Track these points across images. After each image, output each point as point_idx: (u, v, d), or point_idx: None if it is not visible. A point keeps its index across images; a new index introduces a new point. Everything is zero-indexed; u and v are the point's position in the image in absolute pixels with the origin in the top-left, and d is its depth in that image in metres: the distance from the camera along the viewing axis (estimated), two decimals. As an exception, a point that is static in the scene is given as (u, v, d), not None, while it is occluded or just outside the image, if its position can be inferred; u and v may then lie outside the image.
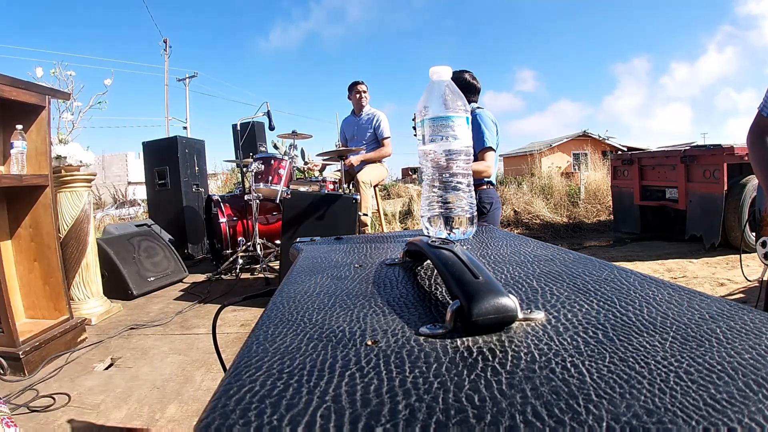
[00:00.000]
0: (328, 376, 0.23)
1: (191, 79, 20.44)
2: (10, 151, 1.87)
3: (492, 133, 2.15)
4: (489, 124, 2.15)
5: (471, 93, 2.28)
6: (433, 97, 0.63)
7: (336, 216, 2.42)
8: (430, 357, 0.25)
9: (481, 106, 2.26)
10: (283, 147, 6.37)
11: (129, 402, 1.50)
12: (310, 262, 0.54)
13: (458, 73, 2.28)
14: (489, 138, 2.13)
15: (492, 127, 2.16)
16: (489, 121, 2.16)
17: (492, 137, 2.14)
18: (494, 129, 2.17)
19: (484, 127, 2.13)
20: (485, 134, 2.13)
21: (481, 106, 2.26)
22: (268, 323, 0.32)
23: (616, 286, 0.37)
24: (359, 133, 3.63)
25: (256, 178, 3.20)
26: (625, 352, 0.24)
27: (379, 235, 0.79)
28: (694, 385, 0.20)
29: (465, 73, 2.28)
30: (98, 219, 6.09)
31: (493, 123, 2.18)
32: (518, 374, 0.22)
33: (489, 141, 2.13)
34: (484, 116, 2.16)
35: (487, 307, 0.27)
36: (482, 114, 2.17)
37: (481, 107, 2.25)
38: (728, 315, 0.29)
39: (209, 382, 1.64)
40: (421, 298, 0.37)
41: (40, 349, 1.82)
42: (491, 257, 0.52)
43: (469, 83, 2.27)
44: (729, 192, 3.81)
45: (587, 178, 7.25)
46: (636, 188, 4.89)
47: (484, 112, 2.19)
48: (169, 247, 3.47)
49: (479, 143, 2.13)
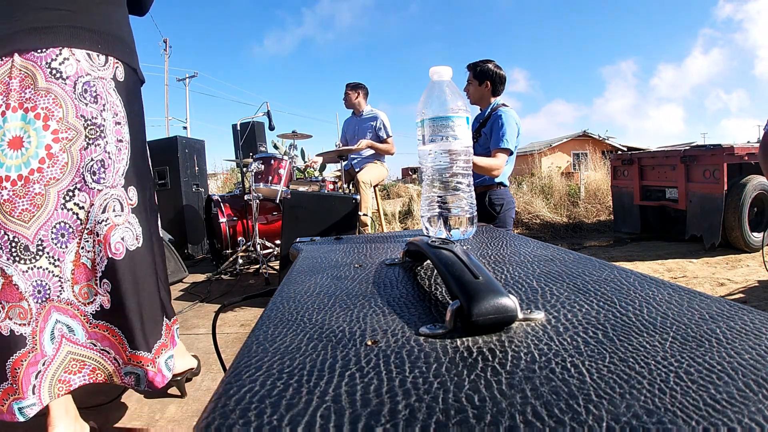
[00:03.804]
0: (328, 376, 0.23)
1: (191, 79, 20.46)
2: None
3: (512, 134, 2.04)
4: (512, 125, 2.04)
5: (499, 83, 2.16)
6: (433, 97, 0.63)
7: (336, 216, 2.42)
8: (430, 357, 0.25)
9: (506, 104, 2.15)
10: (283, 147, 6.36)
11: (129, 402, 1.50)
12: (310, 262, 0.54)
13: (483, 63, 2.16)
14: (508, 139, 2.02)
15: (514, 128, 2.05)
16: (513, 122, 2.05)
17: (511, 139, 2.03)
18: (515, 131, 2.06)
19: (507, 127, 2.02)
20: (505, 134, 2.02)
21: (506, 104, 2.15)
22: (268, 323, 0.32)
23: (616, 286, 0.37)
24: (360, 132, 3.63)
25: (256, 178, 3.20)
26: (625, 352, 0.24)
27: (379, 235, 0.79)
28: (694, 385, 0.20)
29: (489, 62, 2.16)
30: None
31: (516, 125, 2.06)
32: (518, 374, 0.22)
33: (506, 143, 2.01)
34: (508, 116, 2.05)
35: (487, 307, 0.27)
36: (507, 114, 2.06)
37: (506, 104, 2.14)
38: (728, 315, 0.29)
39: (209, 383, 1.64)
40: (421, 298, 0.37)
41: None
42: (491, 257, 0.52)
43: (497, 73, 2.15)
44: (729, 192, 3.81)
45: (587, 178, 7.25)
46: (636, 188, 4.89)
47: (509, 112, 2.08)
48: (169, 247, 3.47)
49: (496, 142, 2.03)
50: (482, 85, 2.17)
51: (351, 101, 3.63)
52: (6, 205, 0.99)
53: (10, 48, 1.00)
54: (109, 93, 1.10)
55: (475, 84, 2.19)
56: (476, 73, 2.17)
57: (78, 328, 1.07)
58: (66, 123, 1.03)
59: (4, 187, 0.99)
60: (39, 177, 1.01)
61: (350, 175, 3.63)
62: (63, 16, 1.05)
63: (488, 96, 2.18)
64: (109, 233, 1.07)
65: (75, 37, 1.05)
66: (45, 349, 1.03)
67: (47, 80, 1.02)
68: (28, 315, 1.02)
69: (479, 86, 2.17)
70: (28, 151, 1.01)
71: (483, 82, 2.16)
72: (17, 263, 1.00)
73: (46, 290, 1.04)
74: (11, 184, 1.00)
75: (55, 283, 1.04)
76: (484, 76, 2.16)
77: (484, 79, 2.16)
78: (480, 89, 2.17)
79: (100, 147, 1.07)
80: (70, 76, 1.04)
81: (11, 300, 1.01)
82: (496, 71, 2.15)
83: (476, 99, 2.22)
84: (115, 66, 1.14)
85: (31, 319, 1.02)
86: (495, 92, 2.18)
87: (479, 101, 2.22)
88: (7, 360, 1.00)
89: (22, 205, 1.00)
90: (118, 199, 1.11)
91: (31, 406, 1.01)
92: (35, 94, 1.01)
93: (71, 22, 1.06)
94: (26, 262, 1.01)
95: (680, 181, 4.23)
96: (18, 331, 1.01)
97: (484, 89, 2.17)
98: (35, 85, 1.01)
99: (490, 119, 2.12)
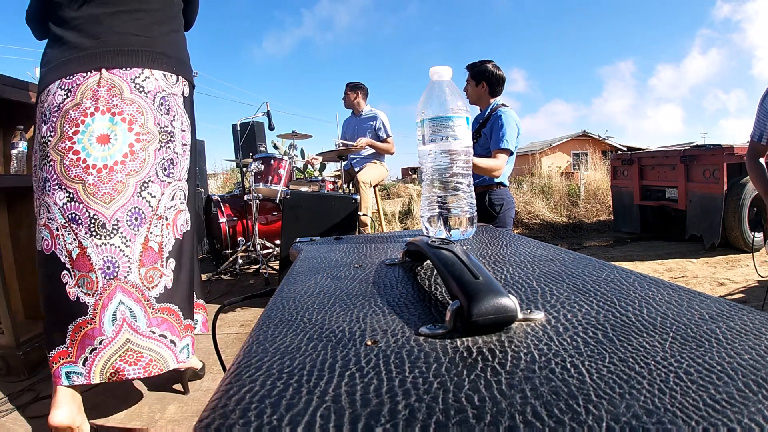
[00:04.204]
0: (327, 376, 0.23)
1: (191, 79, 20.42)
2: (10, 151, 1.87)
3: (512, 135, 2.04)
4: (511, 126, 2.05)
5: (497, 84, 2.17)
6: (433, 97, 0.63)
7: (336, 216, 2.42)
8: (430, 357, 0.25)
9: (506, 104, 2.15)
10: (283, 147, 6.36)
11: (129, 402, 1.50)
12: (309, 262, 0.54)
13: (481, 64, 2.17)
14: (508, 140, 2.02)
15: (514, 128, 2.06)
16: (512, 122, 2.06)
17: (512, 139, 2.04)
18: (515, 131, 2.07)
19: (507, 127, 2.03)
20: (505, 135, 2.02)
21: (506, 104, 2.15)
22: (267, 323, 0.32)
23: (615, 286, 0.37)
24: (359, 132, 3.63)
25: (255, 178, 3.20)
26: (625, 352, 0.24)
27: (379, 235, 0.79)
28: (694, 385, 0.20)
29: (488, 63, 2.16)
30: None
31: (516, 125, 2.07)
32: (518, 374, 0.22)
33: (507, 143, 2.02)
34: (508, 117, 2.06)
35: (487, 308, 0.27)
36: (506, 114, 2.07)
37: (506, 105, 2.14)
38: (728, 315, 0.29)
39: (209, 383, 1.64)
40: (421, 298, 0.37)
41: (40, 350, 1.82)
42: (491, 257, 0.52)
43: (494, 74, 2.15)
44: (729, 192, 3.81)
45: (587, 178, 7.25)
46: (636, 188, 4.89)
47: (509, 112, 2.08)
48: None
49: (496, 142, 2.04)
50: (479, 86, 2.18)
51: (350, 101, 3.63)
52: (91, 188, 1.18)
53: (99, 64, 1.22)
54: (178, 106, 1.35)
55: (472, 84, 2.21)
56: (474, 73, 2.19)
57: (140, 314, 1.20)
58: (146, 128, 1.26)
59: (90, 173, 1.18)
60: (121, 168, 1.21)
61: (350, 175, 3.63)
62: (143, 42, 1.29)
63: (486, 96, 2.19)
64: (176, 217, 1.32)
65: (154, 60, 1.30)
66: (104, 327, 1.15)
67: (132, 93, 1.25)
68: (95, 286, 1.17)
69: (476, 86, 2.19)
70: (113, 147, 1.21)
71: (480, 82, 2.18)
72: (93, 238, 1.17)
73: (115, 267, 1.18)
74: (97, 172, 1.19)
75: (124, 263, 1.19)
76: (481, 76, 2.17)
77: (481, 80, 2.17)
78: (477, 89, 2.19)
79: (170, 149, 1.31)
80: (150, 91, 1.28)
81: (82, 270, 1.17)
82: (494, 72, 2.15)
83: (474, 99, 2.23)
84: (183, 84, 1.38)
85: (96, 291, 1.16)
86: (493, 93, 2.19)
87: (477, 101, 2.23)
88: (69, 324, 1.16)
89: (104, 189, 1.19)
90: (182, 190, 1.35)
91: (78, 375, 1.14)
92: (122, 102, 1.23)
93: (150, 48, 1.30)
94: (101, 237, 1.17)
95: (680, 181, 4.23)
96: (83, 300, 1.16)
97: (481, 89, 2.18)
98: (122, 95, 1.24)
99: (490, 120, 2.13)
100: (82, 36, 1.23)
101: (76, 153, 1.18)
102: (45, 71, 1.25)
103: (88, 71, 1.21)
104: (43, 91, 1.24)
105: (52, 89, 1.22)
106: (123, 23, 1.27)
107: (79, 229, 1.17)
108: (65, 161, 1.18)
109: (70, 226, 1.17)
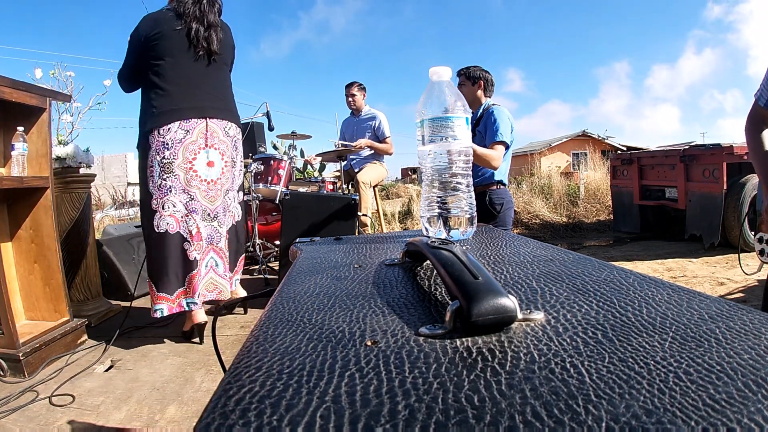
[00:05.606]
0: (327, 377, 0.23)
1: (191, 79, 20.38)
2: (11, 152, 1.87)
3: (506, 128, 2.10)
4: (504, 120, 2.11)
5: (491, 84, 2.27)
6: (432, 97, 0.63)
7: (335, 216, 2.42)
8: (430, 357, 0.25)
9: (497, 103, 2.22)
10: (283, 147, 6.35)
11: (129, 403, 1.50)
12: (309, 263, 0.54)
13: (466, 69, 2.26)
14: (503, 133, 2.08)
15: (507, 123, 2.12)
16: (505, 117, 2.12)
17: (506, 132, 2.09)
18: (509, 125, 2.12)
19: (500, 122, 2.09)
20: (499, 128, 2.08)
21: (497, 103, 2.22)
22: (267, 324, 0.32)
23: (615, 286, 0.37)
24: (358, 133, 3.63)
25: (255, 178, 3.20)
26: (625, 352, 0.24)
27: (379, 235, 0.79)
28: (694, 385, 0.20)
29: (473, 68, 2.26)
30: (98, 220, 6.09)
31: (508, 120, 2.13)
32: (518, 375, 0.22)
33: (501, 135, 2.08)
34: (500, 112, 2.13)
35: (487, 308, 0.27)
36: (499, 110, 2.14)
37: (497, 104, 2.21)
38: (727, 315, 0.29)
39: (209, 384, 1.64)
40: (421, 298, 0.37)
41: (40, 351, 1.82)
42: (491, 257, 0.52)
43: (488, 75, 2.25)
44: (728, 191, 3.81)
45: (587, 178, 7.25)
46: (636, 188, 4.89)
47: (501, 109, 2.15)
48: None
49: (491, 137, 2.10)
50: (475, 86, 2.26)
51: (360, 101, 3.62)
52: (204, 193, 1.96)
53: (206, 114, 1.97)
54: (237, 145, 2.15)
55: (468, 85, 2.27)
56: (468, 75, 2.28)
57: (220, 264, 2.04)
58: (230, 159, 2.07)
59: (208, 184, 1.98)
60: (219, 182, 2.02)
61: (349, 175, 3.62)
62: (224, 104, 2.08)
63: (481, 96, 2.27)
64: (236, 212, 2.15)
65: (232, 117, 2.10)
66: (201, 272, 1.95)
67: (223, 136, 2.04)
68: (202, 249, 1.95)
69: (472, 87, 2.26)
70: (215, 169, 2.00)
71: (476, 82, 2.26)
72: (204, 222, 1.97)
73: (213, 238, 2.00)
74: (208, 184, 1.98)
75: (218, 236, 2.02)
76: (476, 77, 2.26)
77: (477, 80, 2.26)
78: (473, 90, 2.26)
79: (234, 172, 2.13)
80: (231, 136, 2.09)
81: (197, 240, 1.93)
82: (485, 73, 2.26)
83: (470, 100, 2.27)
84: (238, 130, 2.15)
85: (201, 251, 1.95)
86: (487, 93, 2.28)
87: (472, 102, 2.28)
88: (188, 274, 1.91)
89: (211, 194, 1.99)
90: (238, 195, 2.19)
91: (194, 303, 1.93)
92: (219, 142, 2.02)
93: (227, 107, 2.10)
94: (208, 222, 1.99)
95: (680, 181, 4.23)
96: (195, 257, 1.92)
97: (477, 89, 2.26)
98: (218, 137, 2.01)
99: (483, 117, 2.20)
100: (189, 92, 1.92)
101: (194, 171, 1.93)
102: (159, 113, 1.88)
103: (199, 118, 1.94)
104: (162, 126, 1.87)
105: (173, 128, 1.88)
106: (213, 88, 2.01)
107: (196, 217, 1.93)
108: (188, 175, 1.91)
109: (192, 216, 1.92)
